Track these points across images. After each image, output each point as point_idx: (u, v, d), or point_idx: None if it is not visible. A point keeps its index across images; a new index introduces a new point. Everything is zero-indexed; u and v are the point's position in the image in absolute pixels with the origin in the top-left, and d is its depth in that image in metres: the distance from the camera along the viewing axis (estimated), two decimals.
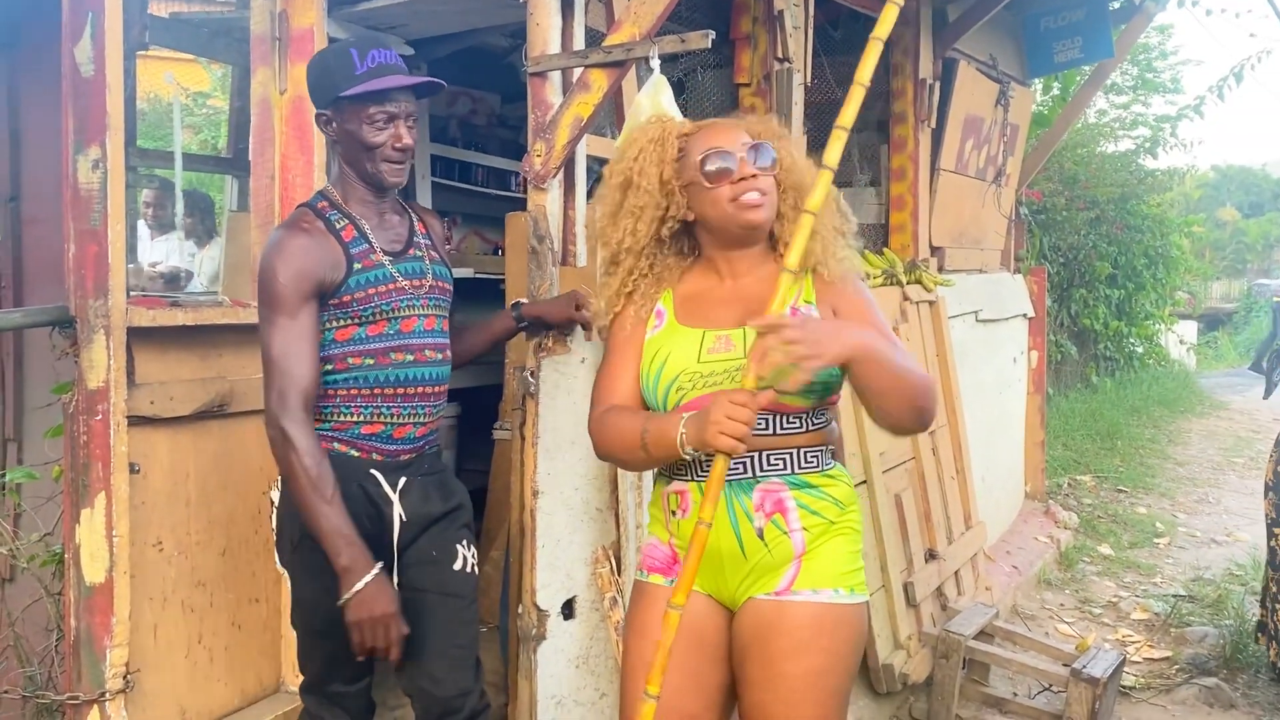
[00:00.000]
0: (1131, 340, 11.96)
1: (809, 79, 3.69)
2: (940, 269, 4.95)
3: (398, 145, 2.08)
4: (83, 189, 2.26)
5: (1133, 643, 4.48)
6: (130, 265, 3.80)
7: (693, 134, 1.96)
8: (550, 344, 2.49)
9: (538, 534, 2.54)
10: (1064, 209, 9.81)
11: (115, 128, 2.26)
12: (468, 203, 5.40)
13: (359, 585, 1.95)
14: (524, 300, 2.49)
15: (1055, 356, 10.07)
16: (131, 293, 2.53)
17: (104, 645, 2.28)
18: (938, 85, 4.73)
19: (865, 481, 3.79)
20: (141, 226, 5.32)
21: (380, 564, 2.00)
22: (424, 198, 4.94)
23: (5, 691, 2.45)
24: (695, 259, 2.03)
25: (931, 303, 4.59)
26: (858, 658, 1.92)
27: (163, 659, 2.52)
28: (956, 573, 4.33)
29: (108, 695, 2.29)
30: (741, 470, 1.86)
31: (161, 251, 5.33)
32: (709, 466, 1.77)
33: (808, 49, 3.64)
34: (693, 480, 1.90)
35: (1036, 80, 7.24)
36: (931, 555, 4.13)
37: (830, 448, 1.95)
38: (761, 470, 1.87)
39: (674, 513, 1.95)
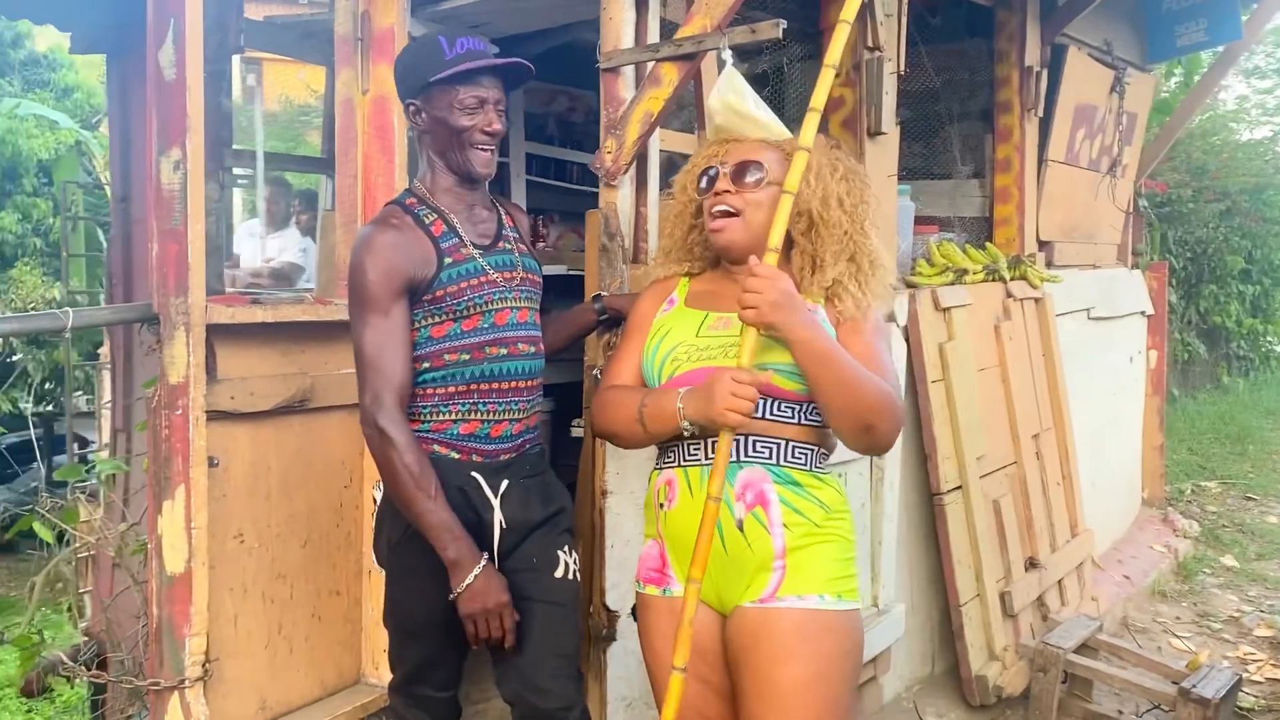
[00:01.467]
0: (1269, 339, 11.31)
1: (903, 68, 3.56)
2: (1048, 264, 4.74)
3: (487, 129, 2.07)
4: (165, 189, 2.32)
5: (1254, 661, 4.21)
6: (227, 264, 3.93)
7: (731, 146, 2.01)
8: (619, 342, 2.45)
9: (606, 533, 2.52)
10: (1191, 201, 9.31)
11: (195, 129, 2.31)
12: (564, 200, 5.42)
13: (469, 579, 1.96)
14: (604, 293, 2.46)
15: (1182, 356, 9.58)
16: (234, 288, 2.59)
17: (183, 634, 2.34)
18: (1045, 73, 4.52)
19: (960, 487, 3.65)
20: (258, 224, 5.53)
21: (486, 554, 2.01)
22: (519, 195, 4.97)
23: (93, 675, 2.54)
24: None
25: (1038, 299, 4.39)
26: (852, 666, 1.85)
27: (243, 649, 2.57)
28: (1060, 582, 4.13)
29: (187, 682, 2.35)
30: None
31: (275, 247, 5.54)
32: (695, 451, 1.86)
33: (901, 37, 3.51)
34: (679, 467, 1.90)
35: (1159, 65, 6.86)
36: (1032, 564, 3.95)
37: (823, 451, 1.91)
38: (746, 455, 1.84)
39: (661, 505, 1.93)
